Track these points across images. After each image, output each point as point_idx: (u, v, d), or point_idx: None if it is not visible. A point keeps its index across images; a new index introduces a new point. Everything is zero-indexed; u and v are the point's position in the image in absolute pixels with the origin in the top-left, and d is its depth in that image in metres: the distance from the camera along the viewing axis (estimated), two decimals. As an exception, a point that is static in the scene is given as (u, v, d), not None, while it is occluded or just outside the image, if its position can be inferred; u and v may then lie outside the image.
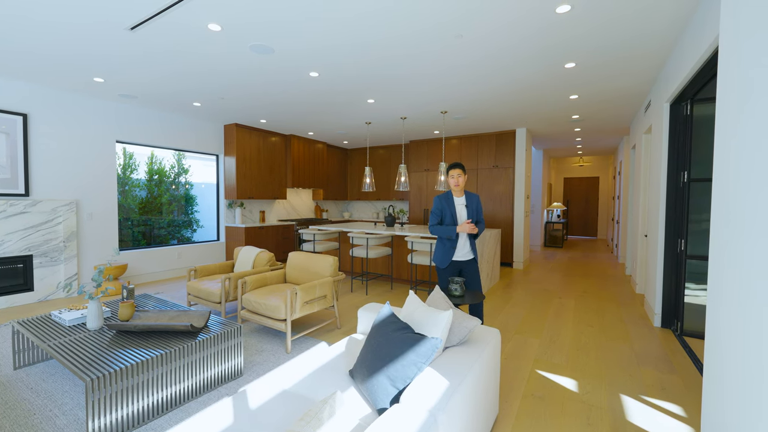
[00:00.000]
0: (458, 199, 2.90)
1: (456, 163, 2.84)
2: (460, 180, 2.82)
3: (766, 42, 1.03)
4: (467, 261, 2.93)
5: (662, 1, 2.45)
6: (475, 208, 2.89)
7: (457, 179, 2.82)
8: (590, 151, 9.85)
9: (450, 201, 2.85)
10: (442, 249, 2.88)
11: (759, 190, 1.06)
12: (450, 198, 2.87)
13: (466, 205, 2.88)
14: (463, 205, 2.89)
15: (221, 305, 3.38)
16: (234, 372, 2.45)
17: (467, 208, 2.88)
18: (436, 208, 2.86)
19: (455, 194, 2.90)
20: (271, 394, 1.54)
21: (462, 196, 2.90)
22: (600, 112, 5.39)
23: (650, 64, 3.53)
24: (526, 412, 2.11)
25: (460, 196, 2.90)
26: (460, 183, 2.83)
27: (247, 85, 4.22)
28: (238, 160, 6.28)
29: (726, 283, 1.29)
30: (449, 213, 2.82)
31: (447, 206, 2.83)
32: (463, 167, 2.81)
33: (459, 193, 2.89)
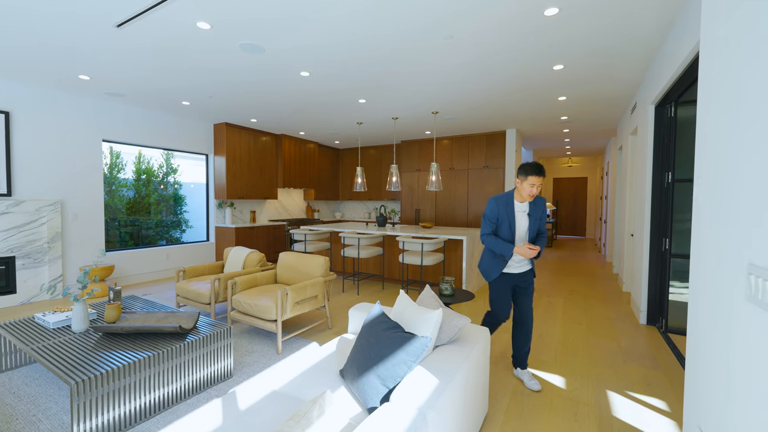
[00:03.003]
0: (520, 205, 2.31)
1: (536, 166, 2.15)
2: (538, 191, 2.23)
3: (742, 49, 1.07)
4: (521, 273, 2.39)
5: (646, 9, 2.50)
6: (538, 217, 2.33)
7: (535, 189, 2.21)
8: (579, 151, 10.00)
9: (510, 206, 2.28)
10: (489, 258, 2.39)
11: (733, 191, 1.09)
12: (510, 202, 2.29)
13: (528, 213, 2.31)
14: (524, 212, 2.31)
15: (211, 306, 3.34)
16: (224, 373, 2.43)
17: (530, 217, 2.31)
18: (491, 213, 2.31)
19: (518, 198, 2.30)
20: (261, 395, 1.54)
21: (526, 202, 2.32)
22: (588, 113, 5.48)
23: (636, 68, 3.60)
24: (515, 408, 2.14)
25: (523, 201, 2.31)
26: (535, 193, 2.22)
27: (237, 84, 4.19)
28: (228, 159, 6.22)
29: (704, 280, 1.33)
30: (507, 221, 2.29)
31: (505, 212, 2.28)
32: (544, 173, 2.17)
33: (524, 199, 2.29)
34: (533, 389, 2.33)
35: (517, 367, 2.48)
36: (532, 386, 2.34)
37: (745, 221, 1.03)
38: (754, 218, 0.98)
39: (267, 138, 7.00)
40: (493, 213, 2.31)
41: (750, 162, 1.01)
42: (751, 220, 1.00)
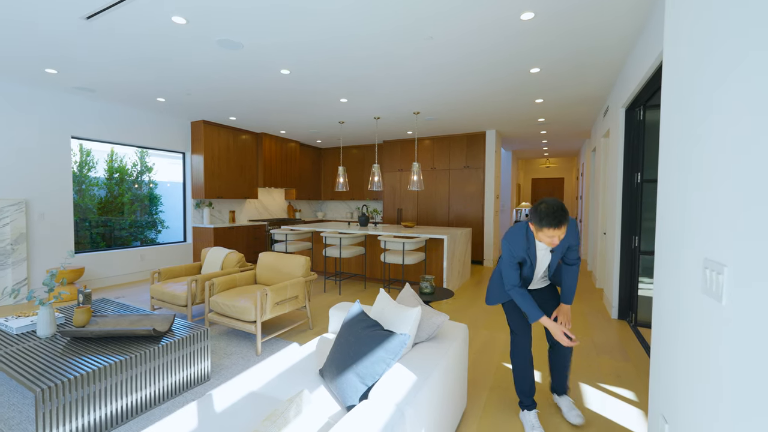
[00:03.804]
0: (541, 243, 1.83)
1: (553, 215, 1.63)
2: (559, 241, 1.72)
3: (701, 57, 1.13)
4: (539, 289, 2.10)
5: (616, 17, 2.60)
6: (564, 249, 1.88)
7: (556, 240, 1.70)
8: (556, 152, 10.29)
9: (531, 241, 1.83)
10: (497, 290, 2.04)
11: (691, 193, 1.16)
12: (531, 240, 1.83)
13: (551, 250, 1.87)
14: (546, 249, 1.86)
15: (187, 308, 3.26)
16: (201, 376, 2.38)
17: (552, 254, 1.87)
18: (509, 257, 1.85)
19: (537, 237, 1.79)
20: (238, 397, 1.52)
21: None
22: (564, 115, 5.65)
23: (607, 72, 3.75)
24: (493, 403, 2.19)
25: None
26: (556, 243, 1.71)
27: (215, 81, 4.10)
28: (206, 158, 6.07)
29: (666, 275, 1.40)
30: (528, 261, 1.87)
31: (525, 253, 1.85)
32: (565, 220, 1.65)
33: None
34: (572, 422, 1.94)
35: (554, 393, 2.13)
36: (572, 419, 1.95)
37: (701, 220, 1.10)
38: (709, 217, 1.04)
39: (247, 136, 6.88)
40: (512, 257, 1.85)
41: (704, 166, 1.08)
42: (707, 218, 1.06)
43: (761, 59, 0.80)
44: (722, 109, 1.00)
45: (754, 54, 0.84)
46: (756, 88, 0.83)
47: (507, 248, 1.84)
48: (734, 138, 0.93)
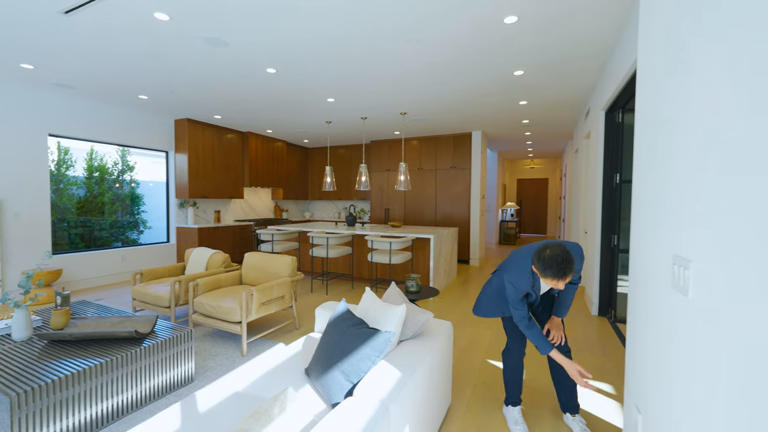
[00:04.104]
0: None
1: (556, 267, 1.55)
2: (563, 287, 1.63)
3: (669, 65, 1.18)
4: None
5: (595, 24, 2.68)
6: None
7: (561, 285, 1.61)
8: (540, 154, 10.49)
9: (536, 279, 1.78)
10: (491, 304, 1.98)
11: (662, 193, 1.22)
12: (536, 276, 1.77)
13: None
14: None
15: (171, 310, 3.21)
16: (184, 378, 2.35)
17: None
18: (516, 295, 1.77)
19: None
20: (222, 397, 1.51)
21: None
22: (547, 117, 5.77)
23: (588, 75, 3.85)
24: (477, 399, 2.23)
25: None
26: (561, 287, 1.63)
27: (199, 79, 4.04)
28: (190, 157, 5.97)
29: (640, 272, 1.46)
30: (533, 294, 1.85)
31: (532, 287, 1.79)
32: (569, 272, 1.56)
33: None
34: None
35: (566, 413, 1.97)
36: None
37: (671, 219, 1.15)
38: (678, 216, 1.10)
39: (232, 135, 6.79)
40: (518, 294, 1.77)
41: (671, 169, 1.13)
42: (676, 218, 1.11)
43: (720, 73, 0.85)
44: (685, 117, 1.05)
45: (715, 67, 0.89)
46: (714, 102, 0.88)
47: (512, 289, 1.76)
48: (695, 144, 0.98)
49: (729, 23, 0.82)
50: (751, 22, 0.74)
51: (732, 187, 0.80)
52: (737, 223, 0.77)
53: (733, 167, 0.79)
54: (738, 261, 0.77)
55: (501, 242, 10.39)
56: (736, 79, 0.79)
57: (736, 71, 0.79)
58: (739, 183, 0.77)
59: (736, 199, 0.78)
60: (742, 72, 0.77)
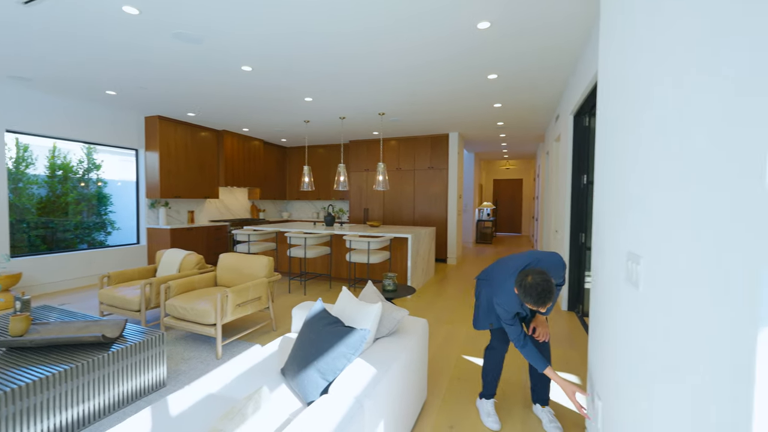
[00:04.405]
0: None
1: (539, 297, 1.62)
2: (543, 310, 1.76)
3: (622, 77, 1.27)
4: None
5: (562, 37, 2.81)
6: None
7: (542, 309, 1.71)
8: (515, 155, 10.80)
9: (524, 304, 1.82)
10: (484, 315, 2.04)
11: (617, 194, 1.30)
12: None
13: None
14: None
15: (141, 313, 3.10)
16: (156, 383, 2.29)
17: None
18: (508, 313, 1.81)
19: None
20: (195, 399, 1.49)
21: None
22: (520, 120, 5.96)
23: (558, 80, 4.02)
24: (453, 393, 2.29)
25: None
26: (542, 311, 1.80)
27: (171, 75, 3.92)
28: (162, 155, 5.77)
29: (600, 267, 1.56)
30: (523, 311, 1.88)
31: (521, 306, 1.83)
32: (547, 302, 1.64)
33: None
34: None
35: (537, 403, 2.07)
36: (551, 430, 1.94)
37: (626, 217, 1.24)
38: (632, 215, 1.18)
39: (207, 133, 6.62)
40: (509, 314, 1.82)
41: (625, 171, 1.22)
42: (631, 216, 1.20)
43: (667, 89, 0.93)
44: (633, 126, 1.14)
45: (657, 89, 0.97)
46: (658, 115, 0.96)
47: (503, 311, 1.81)
48: (642, 150, 1.06)
49: (667, 47, 0.90)
50: (673, 43, 0.82)
51: (671, 190, 0.87)
52: (675, 222, 0.85)
53: (671, 173, 0.87)
54: (677, 256, 0.85)
55: (478, 241, 10.62)
56: (678, 94, 0.87)
57: (680, 87, 0.87)
58: (677, 187, 0.85)
59: (674, 201, 0.86)
60: (683, 87, 0.85)
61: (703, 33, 0.75)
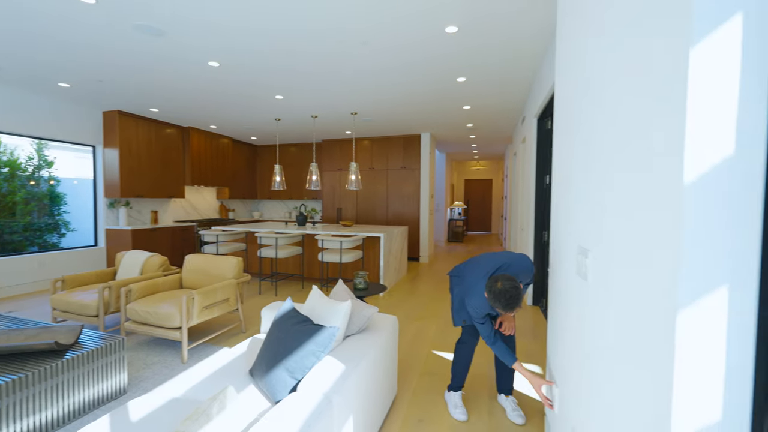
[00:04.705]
0: None
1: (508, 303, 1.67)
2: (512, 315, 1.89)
3: (573, 86, 1.37)
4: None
5: (528, 37, 2.94)
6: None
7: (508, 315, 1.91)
8: (484, 156, 11.11)
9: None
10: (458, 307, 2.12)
11: (570, 191, 1.40)
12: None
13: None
14: None
15: (99, 319, 2.95)
16: (116, 390, 2.19)
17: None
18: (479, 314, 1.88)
19: None
20: (158, 404, 1.45)
21: None
22: (489, 122, 6.16)
23: (523, 84, 4.19)
24: (423, 388, 2.35)
25: None
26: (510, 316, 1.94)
27: (132, 68, 3.74)
28: (122, 152, 5.48)
29: (556, 263, 1.66)
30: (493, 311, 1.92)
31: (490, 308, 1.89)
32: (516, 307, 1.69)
33: None
34: (515, 422, 2.03)
35: (501, 393, 2.17)
36: (515, 419, 2.03)
37: (577, 215, 1.33)
38: (582, 212, 1.27)
39: (172, 130, 6.35)
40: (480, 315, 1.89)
41: (574, 173, 1.31)
42: (581, 213, 1.29)
43: (597, 104, 1.02)
44: (580, 131, 1.23)
45: (609, 90, 1.06)
46: (597, 123, 1.04)
47: (474, 312, 1.88)
48: (587, 153, 1.15)
49: (600, 65, 0.98)
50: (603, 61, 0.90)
51: (610, 190, 0.96)
52: (613, 219, 0.93)
53: (606, 173, 0.96)
54: (616, 249, 0.93)
55: (450, 240, 10.85)
56: (606, 109, 0.95)
57: (601, 106, 0.95)
58: (615, 188, 0.93)
59: (612, 200, 0.94)
60: (605, 105, 0.93)
61: (631, 55, 0.83)
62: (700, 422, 0.63)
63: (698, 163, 0.61)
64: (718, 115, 0.60)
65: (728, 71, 0.59)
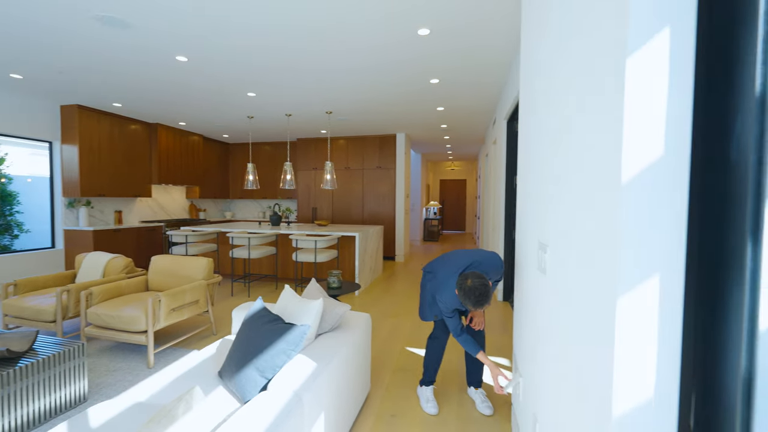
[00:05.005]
0: None
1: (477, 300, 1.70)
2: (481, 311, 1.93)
3: (533, 89, 1.44)
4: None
5: (497, 45, 3.04)
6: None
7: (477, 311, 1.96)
8: (459, 156, 11.34)
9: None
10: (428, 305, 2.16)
11: (533, 190, 1.47)
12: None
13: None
14: None
15: (57, 324, 2.79)
16: (76, 398, 2.09)
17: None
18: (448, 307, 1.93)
19: None
20: (121, 409, 1.40)
21: None
22: (462, 123, 6.30)
23: (494, 88, 4.32)
24: (396, 383, 2.38)
25: None
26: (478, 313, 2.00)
27: (94, 61, 3.56)
28: (82, 149, 5.19)
29: (520, 258, 1.74)
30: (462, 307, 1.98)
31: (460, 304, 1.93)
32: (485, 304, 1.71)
33: None
34: (484, 413, 2.09)
35: (471, 386, 2.24)
36: (483, 410, 2.09)
37: (538, 213, 1.40)
38: (542, 211, 1.34)
39: (138, 126, 6.08)
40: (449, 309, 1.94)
41: (533, 173, 1.38)
42: (541, 211, 1.36)
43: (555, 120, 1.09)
44: (537, 137, 1.30)
45: (570, 98, 1.12)
46: (544, 122, 1.11)
47: (444, 307, 1.93)
48: (543, 156, 1.22)
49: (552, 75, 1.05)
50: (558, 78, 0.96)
51: (568, 191, 1.02)
52: (566, 217, 1.00)
53: (567, 176, 1.02)
54: (571, 245, 0.99)
55: (425, 239, 10.99)
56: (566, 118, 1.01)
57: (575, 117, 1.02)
58: (572, 188, 0.99)
59: (567, 199, 1.01)
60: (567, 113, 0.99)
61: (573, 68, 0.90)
62: (637, 396, 0.69)
63: (633, 165, 0.67)
64: (650, 122, 0.66)
65: (659, 78, 0.65)
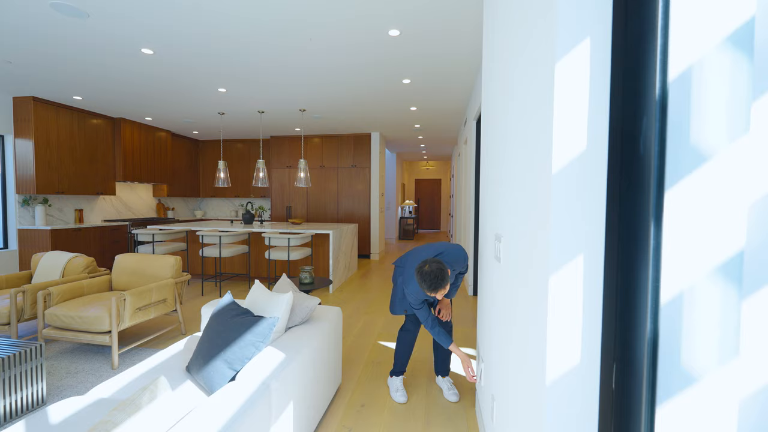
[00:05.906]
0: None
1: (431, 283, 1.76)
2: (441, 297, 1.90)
3: (490, 95, 1.54)
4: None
5: (464, 51, 3.16)
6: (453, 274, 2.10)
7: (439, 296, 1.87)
8: (433, 156, 11.54)
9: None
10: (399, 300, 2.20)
11: (492, 186, 1.57)
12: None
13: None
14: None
15: (11, 326, 2.66)
16: (33, 401, 2.01)
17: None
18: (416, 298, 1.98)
19: None
20: (83, 405, 1.38)
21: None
22: (435, 123, 6.44)
23: (464, 89, 4.46)
24: (367, 376, 2.44)
25: None
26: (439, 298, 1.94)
27: (51, 51, 3.39)
28: (38, 144, 4.91)
29: (482, 251, 1.84)
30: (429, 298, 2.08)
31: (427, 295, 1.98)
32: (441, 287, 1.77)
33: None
34: (450, 400, 2.18)
35: (438, 375, 2.32)
36: (450, 397, 2.19)
37: (496, 206, 1.50)
38: (499, 205, 1.44)
39: (100, 121, 5.81)
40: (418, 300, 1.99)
41: (491, 171, 1.48)
42: (499, 206, 1.46)
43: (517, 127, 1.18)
44: (492, 141, 1.40)
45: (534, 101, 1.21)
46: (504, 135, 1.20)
47: (412, 298, 1.98)
48: (495, 154, 1.32)
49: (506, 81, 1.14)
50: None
51: (521, 189, 1.12)
52: (514, 209, 1.09)
53: (518, 172, 1.11)
54: (517, 233, 1.09)
55: (401, 237, 11.12)
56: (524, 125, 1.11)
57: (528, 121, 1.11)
58: (525, 184, 1.09)
59: (518, 192, 1.10)
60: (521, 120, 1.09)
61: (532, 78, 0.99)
62: (565, 364, 0.78)
63: (561, 158, 0.76)
64: (575, 120, 0.75)
65: (581, 83, 0.74)
